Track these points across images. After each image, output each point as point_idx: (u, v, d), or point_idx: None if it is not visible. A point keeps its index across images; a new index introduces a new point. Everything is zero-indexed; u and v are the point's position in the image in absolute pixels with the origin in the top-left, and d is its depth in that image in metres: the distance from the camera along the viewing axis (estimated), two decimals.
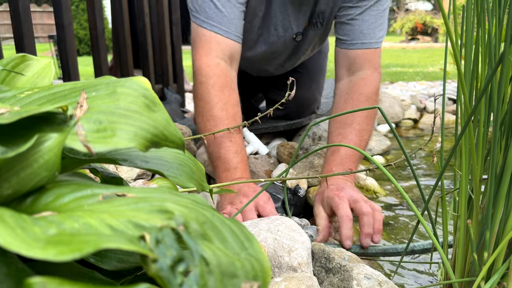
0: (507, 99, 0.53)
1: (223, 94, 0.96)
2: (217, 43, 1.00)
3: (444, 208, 0.65)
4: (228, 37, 1.01)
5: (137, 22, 1.96)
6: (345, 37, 1.10)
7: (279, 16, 1.15)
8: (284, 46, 1.27)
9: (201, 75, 0.97)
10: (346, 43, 1.10)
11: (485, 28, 0.52)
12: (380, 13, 1.08)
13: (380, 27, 1.09)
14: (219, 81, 0.96)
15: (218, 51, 1.00)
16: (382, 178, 1.32)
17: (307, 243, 0.65)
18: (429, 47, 10.03)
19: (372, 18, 1.07)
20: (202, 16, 1.01)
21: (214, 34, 1.00)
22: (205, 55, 0.99)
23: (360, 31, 1.07)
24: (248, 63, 1.43)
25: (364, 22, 1.07)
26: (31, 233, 0.21)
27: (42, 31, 11.49)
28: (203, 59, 0.99)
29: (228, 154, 0.92)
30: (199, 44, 1.01)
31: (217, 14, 1.00)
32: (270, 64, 1.39)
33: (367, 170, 0.66)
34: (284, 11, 1.14)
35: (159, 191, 0.30)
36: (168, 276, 0.21)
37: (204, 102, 0.96)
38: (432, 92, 2.97)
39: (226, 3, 1.00)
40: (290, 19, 1.16)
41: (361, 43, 1.07)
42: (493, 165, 0.51)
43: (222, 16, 1.00)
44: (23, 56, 0.47)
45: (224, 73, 0.98)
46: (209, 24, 1.00)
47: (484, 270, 0.52)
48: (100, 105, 0.30)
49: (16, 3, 1.19)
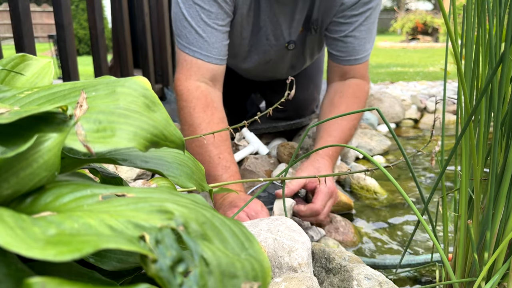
0: (508, 99, 0.53)
1: (206, 114, 0.97)
2: (197, 68, 1.02)
3: (444, 208, 0.65)
4: (209, 61, 1.02)
5: (137, 22, 1.97)
6: (339, 54, 1.14)
7: (269, 26, 1.15)
8: (278, 55, 1.27)
9: (182, 100, 1.00)
10: (339, 59, 1.14)
11: (485, 28, 0.52)
12: (370, 26, 1.11)
13: (370, 40, 1.13)
14: (199, 103, 0.98)
15: (198, 75, 1.01)
16: (383, 178, 1.32)
17: (307, 243, 0.65)
18: (430, 47, 10.03)
19: (363, 33, 1.10)
20: (183, 41, 1.03)
21: (195, 59, 1.02)
22: (185, 80, 1.01)
23: (352, 48, 1.11)
24: (248, 74, 1.43)
25: (356, 39, 1.11)
26: (31, 233, 0.20)
27: (42, 31, 11.49)
28: (184, 84, 1.01)
29: (217, 171, 0.93)
30: (180, 69, 1.04)
31: (197, 39, 1.01)
32: (271, 72, 1.39)
33: (366, 171, 0.66)
34: (275, 21, 1.14)
35: (159, 191, 0.29)
36: (168, 277, 0.21)
37: (188, 125, 0.98)
38: (432, 92, 2.97)
39: (207, 28, 1.01)
40: (281, 28, 1.16)
41: (354, 59, 1.13)
42: (493, 165, 0.51)
43: (203, 41, 1.01)
44: (22, 56, 0.47)
45: (204, 94, 1.00)
46: (190, 49, 1.02)
47: (485, 271, 0.52)
48: (100, 105, 0.30)
49: (16, 3, 1.19)
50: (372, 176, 1.30)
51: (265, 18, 1.13)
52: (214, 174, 0.93)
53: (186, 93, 0.99)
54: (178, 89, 1.01)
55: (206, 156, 0.94)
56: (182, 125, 1.01)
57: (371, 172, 0.65)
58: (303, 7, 1.12)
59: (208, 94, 1.01)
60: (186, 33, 1.02)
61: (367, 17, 1.08)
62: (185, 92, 1.00)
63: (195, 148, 0.96)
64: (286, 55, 1.28)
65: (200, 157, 0.95)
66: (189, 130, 0.97)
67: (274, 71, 1.38)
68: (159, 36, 2.07)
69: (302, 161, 1.03)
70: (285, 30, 1.17)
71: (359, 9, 1.07)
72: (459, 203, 0.59)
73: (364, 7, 1.07)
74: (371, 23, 1.10)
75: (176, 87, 1.02)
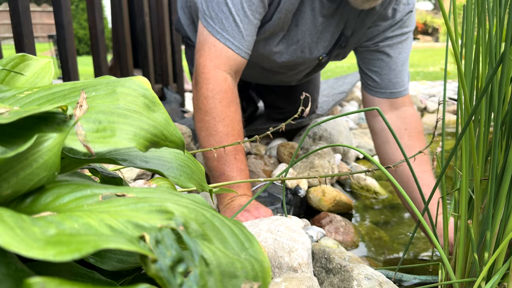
0: (508, 99, 0.53)
1: (230, 110, 0.94)
2: (227, 58, 0.98)
3: (444, 208, 0.65)
4: (239, 53, 0.99)
5: (137, 22, 1.96)
6: (389, 90, 1.11)
7: (307, 39, 1.11)
8: (306, 66, 1.24)
9: (208, 89, 0.95)
10: (391, 93, 1.11)
11: (485, 28, 0.52)
12: (405, 50, 1.11)
13: (407, 71, 1.13)
14: (226, 97, 0.95)
15: (226, 66, 0.98)
16: (383, 178, 1.32)
17: (307, 243, 0.65)
18: (430, 47, 10.03)
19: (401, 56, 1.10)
20: (217, 25, 0.98)
21: (225, 48, 0.98)
22: (214, 67, 0.97)
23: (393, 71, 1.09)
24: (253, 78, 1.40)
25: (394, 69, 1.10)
26: (31, 233, 0.20)
27: (42, 31, 11.49)
28: (212, 72, 0.96)
29: (232, 172, 0.91)
30: (207, 54, 0.99)
31: (233, 28, 0.97)
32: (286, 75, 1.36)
33: (367, 171, 0.66)
34: (314, 33, 1.10)
35: (159, 191, 0.29)
36: (168, 277, 0.21)
37: (210, 117, 0.94)
38: (433, 92, 2.97)
39: (245, 19, 0.97)
40: (317, 42, 1.13)
41: (402, 90, 1.10)
42: (493, 165, 0.51)
43: (238, 32, 0.98)
44: (22, 55, 0.47)
45: (231, 88, 0.97)
46: (223, 36, 0.98)
47: (485, 271, 0.52)
48: (100, 105, 0.30)
49: (16, 3, 1.19)
50: (372, 176, 1.30)
51: (304, 30, 1.09)
52: (228, 174, 0.91)
53: (214, 82, 0.95)
54: (205, 75, 0.96)
55: (223, 153, 0.92)
56: (202, 114, 0.96)
57: (372, 172, 0.65)
58: (340, 21, 1.09)
59: (233, 88, 0.98)
60: (222, 17, 0.97)
61: (403, 41, 1.08)
62: (212, 81, 0.95)
63: (213, 142, 0.92)
64: (311, 66, 1.26)
65: (216, 153, 0.92)
66: (210, 123, 0.94)
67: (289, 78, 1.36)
68: (159, 36, 2.07)
69: None
70: (320, 43, 1.14)
71: (395, 31, 1.07)
72: (459, 203, 0.59)
73: (401, 30, 1.07)
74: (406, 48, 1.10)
75: (203, 73, 0.97)
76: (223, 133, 0.92)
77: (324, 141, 1.39)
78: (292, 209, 1.03)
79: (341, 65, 5.94)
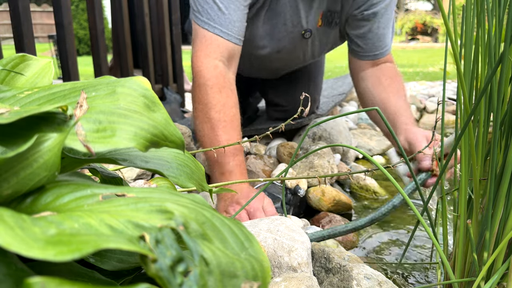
0: (507, 99, 0.53)
1: (221, 96, 0.95)
2: (217, 45, 0.99)
3: (444, 208, 0.65)
4: (229, 40, 1.00)
5: (137, 22, 1.96)
6: (367, 47, 1.19)
7: (289, 10, 1.15)
8: (292, 43, 1.25)
9: (200, 77, 0.97)
10: (368, 55, 1.19)
11: (485, 28, 0.52)
12: (389, 17, 1.17)
13: (390, 33, 1.20)
14: (217, 83, 0.96)
15: (217, 53, 0.99)
16: (383, 178, 1.32)
17: (307, 243, 0.65)
18: (429, 47, 10.03)
19: (385, 24, 1.16)
20: (204, 17, 1.00)
21: (215, 36, 0.99)
22: (204, 57, 0.98)
23: (377, 38, 1.17)
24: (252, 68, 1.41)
25: (377, 33, 1.17)
26: (31, 233, 0.20)
27: (42, 31, 11.48)
28: (202, 61, 0.98)
29: (225, 158, 0.91)
30: (198, 46, 1.01)
31: (219, 16, 0.99)
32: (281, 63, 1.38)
33: (366, 171, 0.66)
34: (295, 6, 1.14)
35: (159, 191, 0.30)
36: (168, 276, 0.21)
37: (202, 105, 0.95)
38: (432, 92, 2.97)
39: (230, 5, 0.99)
40: (300, 15, 1.16)
41: (383, 51, 1.19)
42: (493, 165, 0.51)
43: (225, 18, 0.99)
44: (22, 56, 0.47)
45: (222, 74, 0.98)
46: (210, 25, 1.00)
47: (484, 270, 0.52)
48: (100, 105, 0.30)
49: (16, 3, 1.19)
50: (372, 176, 1.31)
51: (285, 2, 1.13)
52: (221, 160, 0.92)
53: (205, 70, 0.97)
54: (196, 65, 0.99)
55: (215, 140, 0.92)
56: (196, 103, 0.98)
57: (371, 172, 0.65)
58: None
59: (225, 74, 0.99)
60: (207, 8, 1.00)
61: (387, 5, 1.13)
62: (203, 70, 0.97)
63: (206, 130, 0.94)
64: (299, 45, 1.27)
65: (209, 140, 0.93)
66: (202, 110, 0.95)
67: (284, 63, 1.37)
68: (159, 36, 2.07)
69: (410, 131, 1.00)
70: (303, 17, 1.17)
71: None
72: (459, 203, 0.59)
73: None
74: (390, 14, 1.16)
75: (194, 64, 1.00)
76: (215, 119, 0.93)
77: (323, 141, 1.39)
78: (291, 209, 1.03)
79: (340, 65, 5.94)
